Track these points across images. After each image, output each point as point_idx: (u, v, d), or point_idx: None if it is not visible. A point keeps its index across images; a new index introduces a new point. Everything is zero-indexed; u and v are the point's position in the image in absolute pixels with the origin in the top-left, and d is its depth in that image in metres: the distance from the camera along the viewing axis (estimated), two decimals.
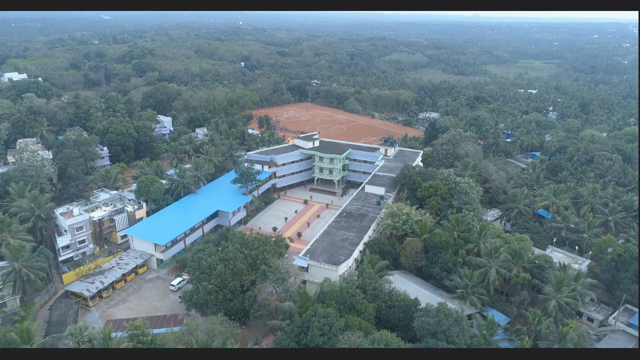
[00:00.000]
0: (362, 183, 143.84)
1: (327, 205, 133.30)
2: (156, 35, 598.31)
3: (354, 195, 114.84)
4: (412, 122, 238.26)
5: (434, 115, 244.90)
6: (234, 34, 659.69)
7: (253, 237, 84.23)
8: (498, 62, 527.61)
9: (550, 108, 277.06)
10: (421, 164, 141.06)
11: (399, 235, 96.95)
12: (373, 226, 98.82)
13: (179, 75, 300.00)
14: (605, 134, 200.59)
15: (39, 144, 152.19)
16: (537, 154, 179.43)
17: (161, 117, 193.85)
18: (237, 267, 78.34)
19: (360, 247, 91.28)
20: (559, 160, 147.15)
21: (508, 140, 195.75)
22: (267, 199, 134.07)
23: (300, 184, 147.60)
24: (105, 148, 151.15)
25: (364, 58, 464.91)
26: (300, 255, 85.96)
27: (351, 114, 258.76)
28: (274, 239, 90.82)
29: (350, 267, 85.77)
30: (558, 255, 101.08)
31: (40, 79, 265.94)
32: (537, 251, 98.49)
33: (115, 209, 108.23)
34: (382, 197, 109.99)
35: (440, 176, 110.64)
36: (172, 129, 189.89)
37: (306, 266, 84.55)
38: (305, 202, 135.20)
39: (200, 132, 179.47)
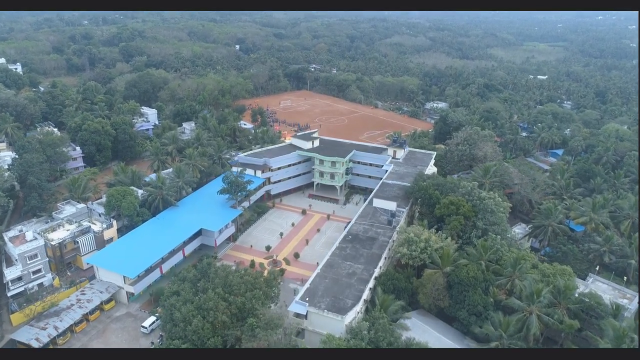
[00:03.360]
0: (366, 188, 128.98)
1: (329, 216, 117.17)
2: (148, 15, 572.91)
3: (360, 211, 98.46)
4: (419, 113, 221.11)
5: (442, 105, 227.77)
6: (229, 14, 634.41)
7: (239, 278, 68.06)
8: (503, 45, 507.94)
9: (564, 97, 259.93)
10: (435, 169, 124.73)
11: (416, 265, 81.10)
12: (385, 254, 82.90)
13: (168, 60, 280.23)
14: (626, 127, 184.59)
15: (4, 143, 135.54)
16: (559, 152, 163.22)
17: (145, 109, 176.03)
18: (218, 319, 62.55)
19: (371, 283, 75.47)
20: (589, 164, 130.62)
21: (523, 134, 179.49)
22: (260, 209, 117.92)
23: (298, 189, 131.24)
24: (78, 148, 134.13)
25: (364, 41, 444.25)
26: (297, 298, 69.98)
27: (353, 104, 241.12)
28: (266, 273, 75.20)
29: (358, 313, 70.11)
30: (602, 287, 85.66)
31: (18, 64, 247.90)
32: (580, 283, 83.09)
33: (80, 228, 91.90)
34: (393, 215, 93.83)
35: (462, 190, 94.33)
36: (157, 122, 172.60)
37: (305, 313, 68.72)
38: (304, 212, 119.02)
39: (188, 127, 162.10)
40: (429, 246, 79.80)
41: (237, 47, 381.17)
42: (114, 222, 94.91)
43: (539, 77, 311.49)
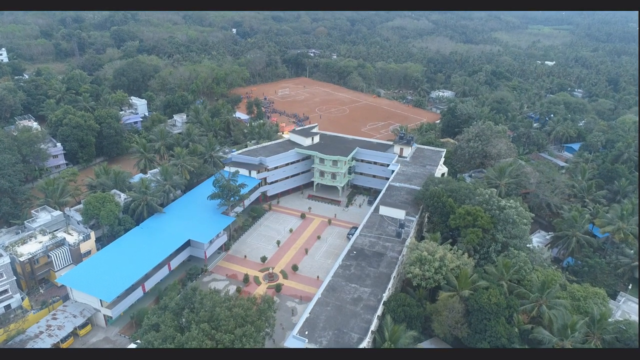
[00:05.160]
0: (370, 188, 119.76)
1: (330, 220, 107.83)
2: None
3: (365, 220, 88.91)
4: (424, 103, 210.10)
5: (448, 94, 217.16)
6: None
7: (227, 311, 58.67)
8: (507, 29, 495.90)
9: (574, 84, 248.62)
10: (445, 169, 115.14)
11: (430, 287, 72.02)
12: (394, 273, 73.68)
13: (162, 45, 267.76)
14: None
15: None
16: (574, 146, 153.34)
17: (134, 100, 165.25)
18: None
19: (379, 310, 66.38)
20: (610, 162, 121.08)
21: (535, 125, 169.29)
22: (255, 213, 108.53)
23: (297, 189, 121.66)
24: (59, 144, 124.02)
25: (365, 24, 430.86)
26: (295, 333, 60.77)
27: (354, 92, 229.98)
28: (260, 291, 66.17)
29: (366, 347, 61.08)
30: (635, 308, 76.94)
31: (3, 50, 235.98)
32: (612, 306, 74.31)
33: (54, 240, 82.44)
34: (402, 225, 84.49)
35: (479, 197, 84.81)
36: (146, 113, 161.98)
37: None
38: (303, 216, 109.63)
39: (179, 120, 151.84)
40: (443, 265, 70.70)
41: (234, 30, 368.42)
42: (92, 234, 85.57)
43: (546, 62, 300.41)
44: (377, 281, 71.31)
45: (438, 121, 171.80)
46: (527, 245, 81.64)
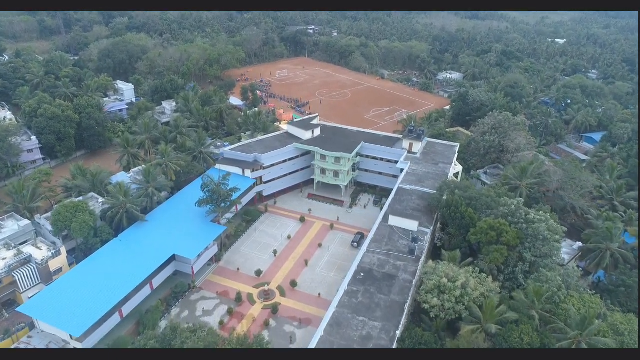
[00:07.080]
0: (376, 186, 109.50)
1: (332, 224, 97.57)
2: None
3: (373, 232, 78.52)
4: (431, 86, 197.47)
5: (456, 76, 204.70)
6: None
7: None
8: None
9: (589, 65, 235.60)
10: (460, 167, 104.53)
11: (449, 318, 62.37)
12: (409, 301, 63.73)
13: (153, 22, 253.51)
14: None
15: None
16: (594, 136, 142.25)
17: (120, 84, 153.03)
18: None
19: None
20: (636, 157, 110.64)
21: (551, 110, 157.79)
22: (249, 216, 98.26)
23: (296, 186, 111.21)
24: (34, 137, 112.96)
25: None
26: None
27: (356, 74, 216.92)
28: (251, 340, 56.47)
29: None
30: None
31: None
32: None
33: (19, 258, 72.26)
34: (415, 239, 74.30)
35: (504, 208, 74.41)
36: (133, 99, 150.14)
37: None
38: (302, 219, 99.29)
39: (168, 107, 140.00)
40: (466, 294, 60.95)
41: None
42: (63, 249, 75.28)
43: (557, 40, 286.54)
44: (389, 313, 61.42)
45: (447, 107, 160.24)
46: (560, 265, 71.74)
